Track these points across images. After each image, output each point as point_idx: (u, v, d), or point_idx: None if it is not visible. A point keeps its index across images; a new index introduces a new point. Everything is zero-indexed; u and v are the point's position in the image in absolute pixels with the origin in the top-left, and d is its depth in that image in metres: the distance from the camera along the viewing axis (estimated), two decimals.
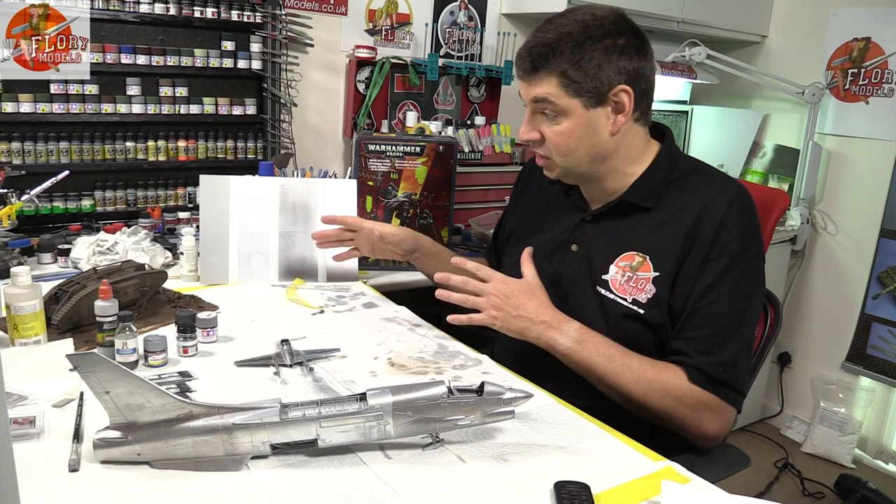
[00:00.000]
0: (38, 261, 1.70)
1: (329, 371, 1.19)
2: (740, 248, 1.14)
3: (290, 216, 1.68)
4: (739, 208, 1.17)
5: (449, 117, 2.59)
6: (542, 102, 1.17)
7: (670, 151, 1.26)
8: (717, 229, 1.14)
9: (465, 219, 2.30)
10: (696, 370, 1.12)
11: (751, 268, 1.16)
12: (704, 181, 1.22)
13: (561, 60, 1.13)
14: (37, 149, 1.92)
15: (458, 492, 0.87)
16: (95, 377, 0.84)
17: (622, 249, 1.22)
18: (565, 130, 1.17)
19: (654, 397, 1.13)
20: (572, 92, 1.14)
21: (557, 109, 1.16)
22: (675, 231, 1.18)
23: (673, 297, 1.16)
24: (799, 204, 2.87)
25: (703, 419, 1.14)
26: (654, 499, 0.88)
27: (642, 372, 1.14)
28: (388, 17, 2.48)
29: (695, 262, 1.15)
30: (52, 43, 1.82)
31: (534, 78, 1.17)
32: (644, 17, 2.59)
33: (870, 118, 2.74)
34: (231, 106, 2.17)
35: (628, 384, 1.14)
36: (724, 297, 1.13)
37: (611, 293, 1.21)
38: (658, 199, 1.22)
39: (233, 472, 0.88)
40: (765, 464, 2.74)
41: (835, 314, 2.91)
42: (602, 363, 1.15)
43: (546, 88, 1.15)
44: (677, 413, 1.13)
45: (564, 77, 1.13)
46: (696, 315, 1.14)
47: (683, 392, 1.12)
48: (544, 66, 1.14)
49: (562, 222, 1.33)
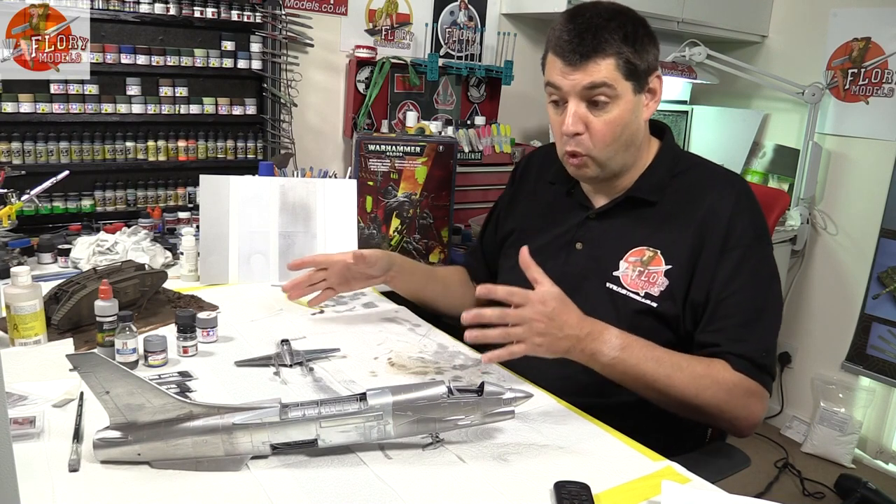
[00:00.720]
0: (38, 261, 1.70)
1: (329, 371, 1.19)
2: (753, 237, 1.17)
3: (290, 216, 1.68)
4: (747, 200, 1.20)
5: (449, 117, 2.59)
6: (599, 88, 1.14)
7: (672, 146, 1.29)
8: (729, 221, 1.17)
9: (465, 219, 2.31)
10: (741, 359, 1.13)
11: (766, 255, 1.19)
12: (709, 175, 1.25)
13: (619, 42, 1.12)
14: (37, 149, 1.92)
15: (458, 492, 0.87)
16: (95, 377, 0.84)
17: (631, 245, 1.23)
18: (615, 118, 1.16)
19: (709, 393, 1.11)
20: (628, 75, 1.15)
21: (612, 94, 1.14)
22: (685, 224, 1.20)
23: (694, 290, 1.17)
24: (799, 204, 2.87)
25: (752, 407, 1.14)
26: (654, 499, 0.88)
27: (692, 370, 1.11)
28: (388, 17, 2.48)
29: (712, 254, 1.16)
30: (52, 43, 1.82)
31: (588, 63, 1.13)
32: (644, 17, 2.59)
33: (870, 118, 2.74)
34: (231, 106, 2.17)
35: (681, 384, 1.10)
36: (747, 285, 1.15)
37: (623, 289, 1.22)
38: (663, 192, 1.24)
39: (233, 472, 0.88)
40: (765, 464, 2.74)
41: (835, 314, 2.91)
42: (652, 368, 1.09)
43: (605, 73, 1.13)
44: (729, 405, 1.12)
45: (623, 59, 1.13)
46: (722, 306, 1.15)
47: (734, 383, 1.12)
48: (602, 48, 1.12)
49: (564, 221, 1.33)
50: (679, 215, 1.21)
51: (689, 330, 1.20)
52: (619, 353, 1.09)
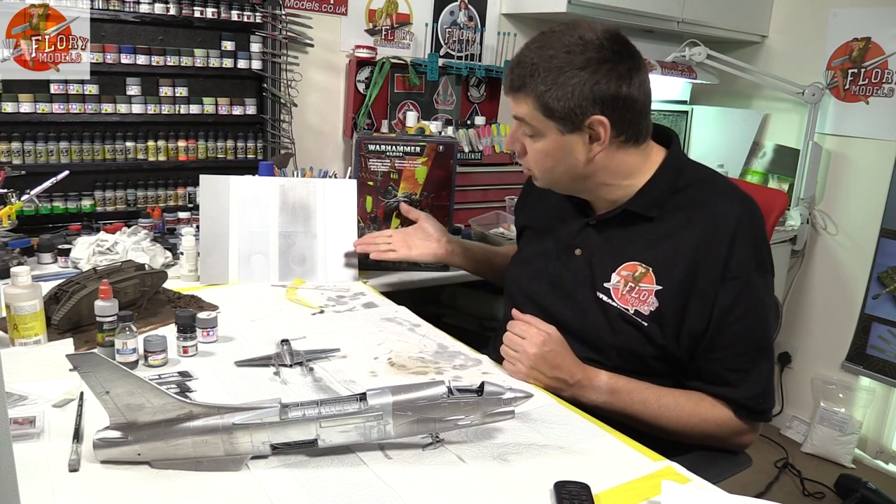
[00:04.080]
0: (38, 261, 1.70)
1: (329, 371, 1.19)
2: (756, 266, 1.14)
3: (290, 216, 1.68)
4: (749, 223, 1.15)
5: (449, 117, 2.59)
6: (520, 120, 1.19)
7: (676, 159, 1.23)
8: (730, 247, 1.13)
9: (465, 219, 2.30)
10: (740, 407, 1.16)
11: (766, 283, 1.17)
12: (711, 193, 1.20)
13: (537, 84, 1.13)
14: (37, 149, 1.92)
15: (458, 492, 0.87)
16: (95, 377, 0.84)
17: (625, 258, 1.21)
18: (542, 150, 1.19)
19: (696, 430, 1.18)
20: (545, 115, 1.14)
21: (534, 130, 1.17)
22: (681, 245, 1.16)
23: (692, 319, 1.15)
24: (799, 204, 2.87)
25: (742, 439, 1.20)
26: (654, 499, 0.88)
27: (680, 409, 1.17)
28: (388, 17, 2.48)
29: (711, 282, 1.13)
30: (52, 43, 1.82)
31: (513, 96, 1.18)
32: (644, 17, 2.59)
33: (870, 118, 2.74)
34: (231, 106, 2.17)
35: (668, 424, 1.17)
36: (748, 315, 1.14)
37: (612, 301, 1.20)
38: (662, 208, 1.20)
39: (233, 472, 0.88)
40: (765, 464, 2.74)
41: (835, 314, 2.91)
42: (639, 409, 1.16)
43: (524, 109, 1.17)
44: (717, 439, 1.19)
45: (539, 100, 1.14)
46: (722, 335, 1.14)
47: (723, 420, 1.17)
48: (522, 87, 1.15)
49: (567, 225, 1.31)
50: (676, 234, 1.17)
51: (681, 357, 1.19)
52: (608, 397, 1.16)
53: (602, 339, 1.21)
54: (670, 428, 1.17)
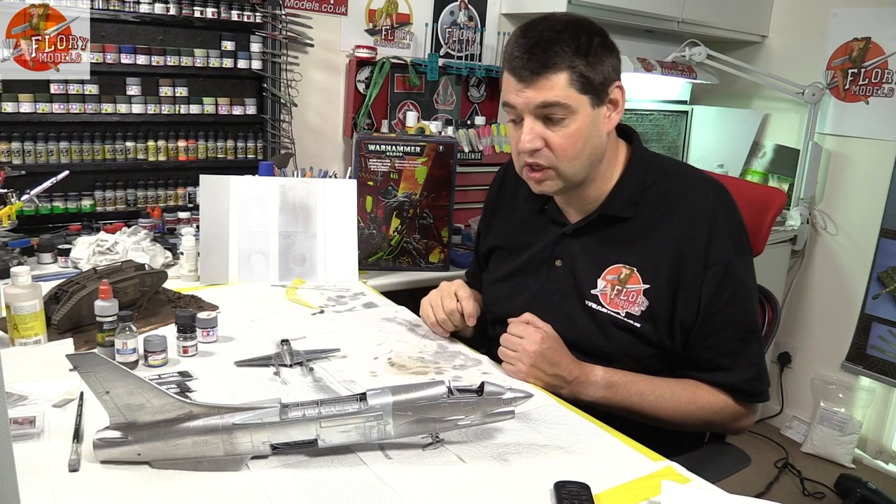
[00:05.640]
0: (38, 261, 1.70)
1: (329, 371, 1.19)
2: (734, 250, 1.16)
3: (290, 216, 1.68)
4: (724, 209, 1.17)
5: (449, 117, 2.59)
6: (552, 106, 1.10)
7: (641, 154, 1.24)
8: (709, 236, 1.15)
9: (465, 219, 2.30)
10: (737, 392, 1.17)
11: (746, 264, 1.19)
12: (682, 185, 1.21)
13: (571, 55, 1.08)
14: (37, 149, 1.92)
15: (458, 492, 0.87)
16: (95, 377, 0.84)
17: (608, 263, 1.20)
18: (573, 132, 1.12)
19: (694, 418, 1.19)
20: (581, 89, 1.10)
21: (567, 110, 1.10)
22: (661, 240, 1.17)
23: (682, 311, 1.16)
24: (799, 204, 2.87)
25: (740, 422, 1.22)
26: (654, 499, 0.88)
27: (677, 399, 1.17)
28: (388, 17, 2.48)
29: (694, 271, 1.15)
30: (52, 43, 1.82)
31: (540, 80, 1.09)
32: (644, 17, 2.59)
33: (870, 118, 2.74)
34: (231, 106, 2.17)
35: (665, 414, 1.17)
36: (734, 299, 1.15)
37: (602, 307, 1.20)
38: (636, 206, 1.20)
39: (233, 472, 0.88)
40: (765, 464, 2.74)
41: (835, 314, 2.91)
42: (636, 402, 1.17)
43: (556, 91, 1.09)
44: (716, 425, 1.22)
45: (575, 73, 1.09)
46: (711, 323, 1.15)
47: (720, 407, 1.18)
48: (553, 64, 1.08)
49: (541, 238, 1.30)
50: (654, 230, 1.18)
51: (677, 351, 1.19)
52: (605, 392, 1.17)
53: (595, 348, 1.21)
54: (669, 418, 1.17)
